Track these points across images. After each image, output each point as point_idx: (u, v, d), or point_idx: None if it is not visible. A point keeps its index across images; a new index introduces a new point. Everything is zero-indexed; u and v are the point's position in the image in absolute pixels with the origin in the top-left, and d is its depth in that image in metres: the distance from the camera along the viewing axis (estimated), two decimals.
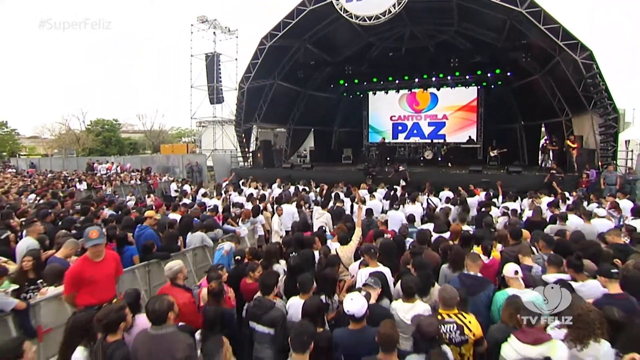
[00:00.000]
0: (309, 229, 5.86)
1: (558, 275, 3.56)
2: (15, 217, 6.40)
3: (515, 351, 2.43)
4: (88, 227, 3.52)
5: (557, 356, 2.34)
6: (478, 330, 2.72)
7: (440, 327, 2.62)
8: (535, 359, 2.35)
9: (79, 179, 15.97)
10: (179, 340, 2.36)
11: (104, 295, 3.18)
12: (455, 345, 2.64)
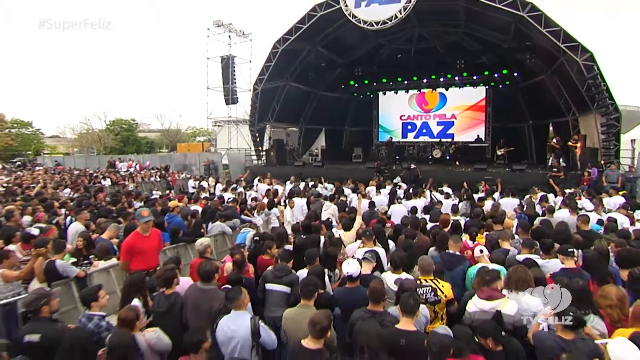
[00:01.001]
0: (317, 219, 6.55)
1: (529, 255, 4.17)
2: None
3: (475, 305, 3.09)
4: (140, 208, 4.31)
5: (506, 310, 2.98)
6: (449, 293, 3.36)
7: (418, 290, 3.28)
8: (488, 311, 3.00)
9: (103, 176, 16.99)
10: (218, 295, 3.11)
11: (150, 263, 3.96)
12: (430, 304, 3.29)
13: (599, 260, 3.71)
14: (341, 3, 13.10)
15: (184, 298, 3.15)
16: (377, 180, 11.68)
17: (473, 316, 3.10)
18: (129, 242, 4.15)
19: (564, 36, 11.57)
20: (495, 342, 2.58)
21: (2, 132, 39.98)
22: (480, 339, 2.65)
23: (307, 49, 17.48)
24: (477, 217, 6.13)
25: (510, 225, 5.43)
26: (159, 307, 3.13)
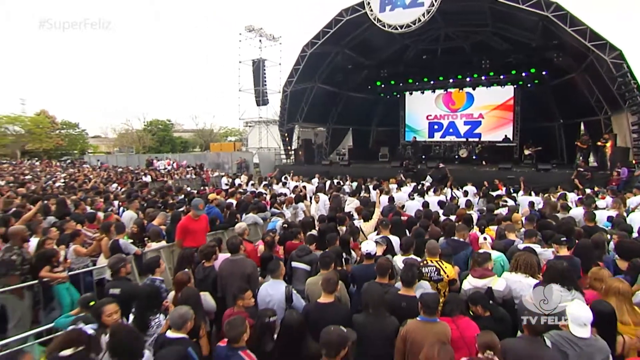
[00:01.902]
0: (340, 211, 7.16)
1: (530, 244, 4.59)
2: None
3: (469, 283, 3.59)
4: (196, 199, 5.16)
5: (496, 286, 3.47)
6: (452, 273, 3.87)
7: (424, 269, 3.82)
8: (481, 287, 3.49)
9: (144, 173, 18.34)
10: (247, 262, 3.82)
11: (199, 242, 4.73)
12: (434, 282, 3.81)
13: (589, 249, 4.09)
14: (367, 8, 13.63)
15: (220, 269, 3.87)
16: (398, 179, 12.14)
17: (468, 292, 3.59)
18: (182, 224, 5.02)
19: (591, 34, 11.55)
20: (483, 308, 3.09)
21: (54, 133, 43.15)
22: (471, 306, 3.17)
23: (334, 51, 18.09)
24: (490, 212, 6.53)
25: (518, 219, 5.81)
26: (197, 275, 3.87)
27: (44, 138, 41.44)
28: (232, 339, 2.41)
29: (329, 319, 2.66)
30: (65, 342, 2.29)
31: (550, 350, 2.49)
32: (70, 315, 3.14)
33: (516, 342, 2.56)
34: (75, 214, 6.35)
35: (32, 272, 4.23)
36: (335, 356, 2.21)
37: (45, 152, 41.47)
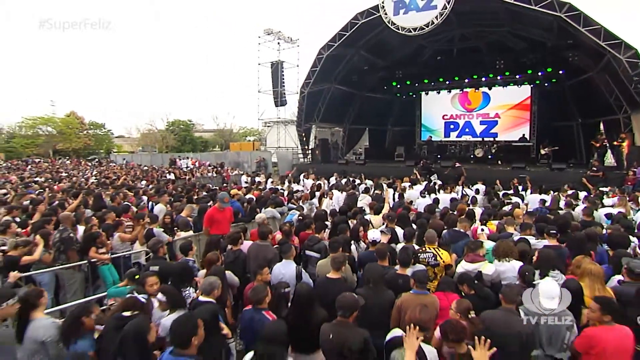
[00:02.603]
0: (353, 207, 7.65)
1: (525, 236, 4.96)
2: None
3: (462, 267, 4.03)
4: (222, 193, 5.78)
5: (485, 270, 3.89)
6: (447, 259, 4.30)
7: (422, 254, 4.27)
8: (472, 271, 3.92)
9: (168, 172, 19.26)
10: (270, 248, 4.37)
11: (224, 230, 5.34)
12: (431, 266, 4.24)
13: (581, 241, 4.44)
14: (381, 11, 14.02)
15: (248, 252, 4.41)
16: (412, 177, 12.51)
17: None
18: (209, 214, 5.67)
19: (605, 34, 11.60)
20: (469, 287, 3.52)
21: (82, 133, 45.16)
22: (459, 285, 3.61)
23: (350, 53, 18.51)
24: (493, 208, 6.89)
25: (519, 214, 6.15)
26: (227, 258, 4.43)
27: (73, 138, 43.47)
28: (256, 302, 2.94)
29: (335, 292, 3.14)
30: (125, 306, 2.88)
31: (523, 320, 2.91)
32: (119, 287, 3.75)
33: (494, 312, 2.99)
34: (111, 207, 7.05)
35: (81, 253, 4.90)
36: (349, 317, 2.71)
37: (74, 151, 43.49)
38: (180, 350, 2.24)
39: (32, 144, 42.01)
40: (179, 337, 2.25)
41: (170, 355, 2.22)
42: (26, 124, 42.90)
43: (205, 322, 2.50)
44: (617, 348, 2.64)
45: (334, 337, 2.56)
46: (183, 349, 2.24)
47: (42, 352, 2.67)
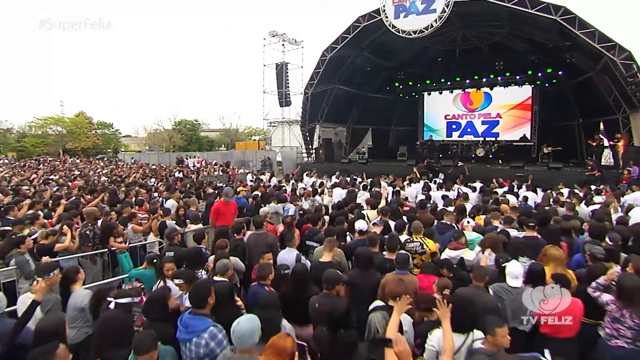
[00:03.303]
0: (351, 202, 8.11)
1: (507, 228, 5.38)
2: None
3: (446, 254, 4.47)
4: (227, 188, 6.26)
5: (467, 257, 4.33)
6: (433, 247, 4.74)
7: (409, 244, 4.71)
8: (455, 257, 4.36)
9: (176, 170, 19.83)
10: (269, 235, 4.85)
11: (228, 222, 5.81)
12: (418, 254, 4.69)
13: (553, 232, 4.87)
14: (382, 15, 14.44)
15: (247, 241, 4.93)
16: (412, 176, 12.94)
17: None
18: (215, 207, 6.19)
19: (600, 36, 11.93)
20: (448, 270, 3.97)
21: (91, 132, 46.06)
22: (440, 269, 4.05)
23: (353, 54, 18.93)
24: (484, 204, 7.31)
25: (506, 209, 6.57)
26: (230, 246, 4.90)
27: (82, 138, 44.37)
28: (261, 277, 3.43)
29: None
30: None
31: (490, 295, 3.36)
32: (139, 269, 4.25)
33: (466, 289, 3.43)
34: (126, 201, 7.58)
35: (102, 242, 5.41)
36: (332, 289, 3.17)
37: (82, 150, 44.39)
38: (198, 310, 2.71)
39: (42, 143, 42.96)
40: (196, 299, 2.73)
41: (189, 315, 2.70)
42: (37, 124, 43.85)
43: (223, 296, 2.97)
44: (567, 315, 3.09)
45: (320, 306, 3.02)
46: (200, 308, 2.72)
47: (82, 317, 3.17)
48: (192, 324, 2.62)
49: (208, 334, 2.55)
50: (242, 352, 2.23)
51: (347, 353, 2.47)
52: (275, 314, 2.77)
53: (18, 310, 3.10)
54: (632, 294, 2.88)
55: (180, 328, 2.64)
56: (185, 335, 2.59)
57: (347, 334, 2.56)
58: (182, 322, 2.65)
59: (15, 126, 47.48)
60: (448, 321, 2.48)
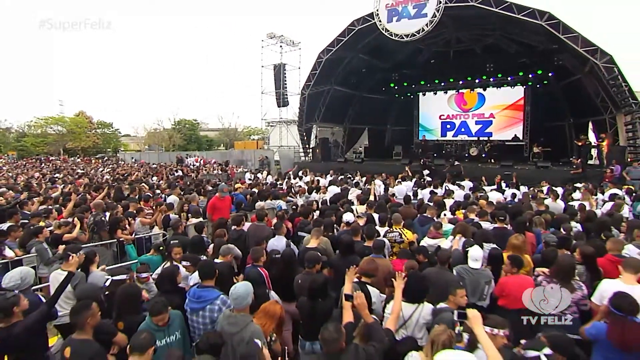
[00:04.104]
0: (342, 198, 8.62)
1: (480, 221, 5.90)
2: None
3: (425, 242, 4.98)
4: (222, 184, 6.75)
5: (443, 245, 4.84)
6: (411, 237, 5.25)
7: (389, 234, 5.22)
8: (433, 245, 4.87)
9: (176, 169, 20.32)
10: (266, 228, 5.35)
11: (224, 216, 6.32)
12: (397, 243, 5.20)
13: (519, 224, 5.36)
14: (375, 19, 14.94)
15: (247, 231, 5.42)
16: (404, 174, 13.46)
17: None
18: (211, 202, 6.77)
19: (583, 41, 12.44)
20: (423, 256, 4.48)
21: (91, 132, 46.48)
22: (416, 255, 4.56)
23: (349, 56, 19.41)
24: (465, 200, 7.83)
25: (484, 204, 7.09)
26: (232, 235, 5.41)
27: (82, 137, 44.78)
28: (255, 259, 3.94)
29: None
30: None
31: (452, 274, 3.88)
32: (147, 255, 4.76)
33: (432, 269, 3.95)
34: (131, 198, 8.09)
35: (110, 233, 5.92)
36: (312, 267, 3.68)
37: (82, 150, 44.81)
38: (206, 283, 3.23)
39: (42, 142, 43.36)
40: (205, 272, 3.26)
41: (198, 288, 3.22)
42: (37, 123, 44.25)
43: (224, 274, 3.48)
44: (519, 290, 3.58)
45: (302, 282, 3.52)
46: (209, 279, 3.25)
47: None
48: (203, 295, 3.16)
49: (220, 300, 3.10)
50: (238, 311, 2.74)
51: (323, 318, 2.95)
52: (264, 288, 3.28)
53: (51, 285, 3.62)
54: (564, 269, 3.40)
55: (191, 300, 3.17)
56: (197, 304, 3.12)
57: (324, 303, 3.07)
58: (193, 295, 3.18)
59: (15, 125, 47.95)
60: (400, 290, 2.98)
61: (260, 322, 2.72)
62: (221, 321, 2.80)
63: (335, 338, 2.17)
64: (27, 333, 2.58)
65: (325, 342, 2.19)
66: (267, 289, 3.33)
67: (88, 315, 2.52)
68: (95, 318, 2.59)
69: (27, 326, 2.61)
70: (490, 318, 2.57)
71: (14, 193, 8.80)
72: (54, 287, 3.33)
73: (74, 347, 2.41)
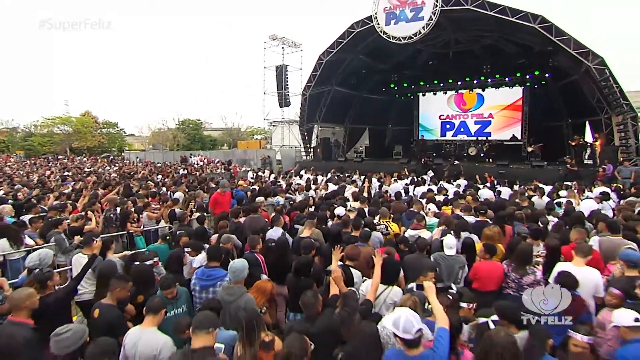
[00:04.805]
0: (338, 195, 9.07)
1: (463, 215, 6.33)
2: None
3: (408, 233, 5.42)
4: (223, 180, 7.21)
5: (423, 235, 5.27)
6: (396, 229, 5.70)
7: (378, 226, 5.67)
8: (414, 235, 5.31)
9: (180, 168, 20.85)
10: (261, 219, 5.81)
11: (225, 209, 6.79)
12: (384, 235, 5.64)
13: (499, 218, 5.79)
14: (374, 22, 15.37)
15: (244, 222, 5.91)
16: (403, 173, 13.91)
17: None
18: (213, 197, 7.35)
19: (575, 43, 12.80)
20: (405, 245, 4.92)
21: (96, 132, 47.18)
22: (399, 244, 5.00)
23: (349, 58, 19.82)
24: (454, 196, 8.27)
25: (469, 200, 7.53)
26: (230, 227, 5.88)
27: (88, 137, 45.48)
28: (251, 247, 4.41)
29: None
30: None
31: (429, 260, 4.32)
32: (155, 244, 5.24)
33: (411, 255, 4.40)
34: (139, 194, 8.58)
35: (121, 226, 6.41)
36: (309, 253, 4.13)
37: (88, 149, 45.52)
38: (212, 263, 3.73)
39: (48, 142, 44.10)
40: (213, 253, 3.77)
41: (206, 268, 3.71)
42: (45, 123, 45.00)
43: (225, 258, 3.96)
44: (489, 274, 4.05)
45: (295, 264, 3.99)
46: (216, 261, 3.74)
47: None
48: (212, 273, 3.69)
49: (228, 277, 3.57)
50: (235, 283, 3.21)
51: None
52: (259, 271, 3.74)
53: (73, 267, 4.12)
54: (521, 256, 3.84)
55: (201, 278, 3.70)
56: (207, 282, 3.64)
57: (307, 280, 3.52)
58: (202, 274, 3.71)
59: (21, 125, 48.77)
60: (378, 268, 3.41)
61: (253, 296, 3.18)
62: (220, 292, 3.28)
63: (312, 302, 2.62)
64: (57, 303, 3.06)
65: (305, 306, 2.64)
66: (261, 272, 3.79)
67: (118, 287, 3.02)
68: (123, 291, 3.08)
69: (58, 298, 3.10)
70: (465, 295, 3.05)
71: (28, 190, 9.34)
72: (77, 269, 3.81)
73: (101, 310, 2.90)
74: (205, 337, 2.33)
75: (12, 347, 2.50)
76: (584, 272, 3.46)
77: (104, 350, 2.19)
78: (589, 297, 3.41)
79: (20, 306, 2.68)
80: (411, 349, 2.24)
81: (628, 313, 2.58)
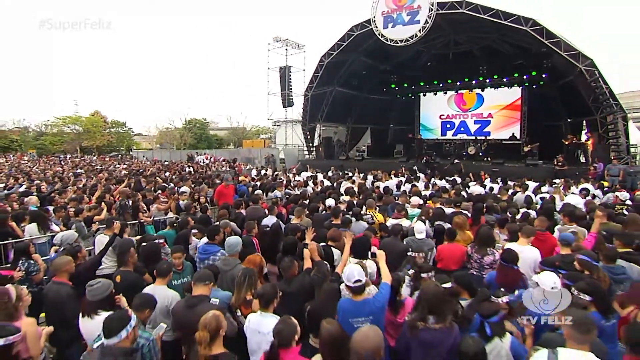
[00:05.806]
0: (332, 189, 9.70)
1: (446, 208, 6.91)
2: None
3: (389, 222, 6.02)
4: (226, 174, 7.90)
5: (403, 223, 5.87)
6: (380, 219, 6.30)
7: (365, 216, 6.28)
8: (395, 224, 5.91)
9: (187, 166, 21.60)
10: (261, 210, 6.46)
11: (229, 200, 7.46)
12: (370, 224, 6.24)
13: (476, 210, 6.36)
14: (372, 25, 15.95)
15: (246, 212, 6.55)
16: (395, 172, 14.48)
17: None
18: (218, 189, 8.06)
19: (565, 45, 13.26)
20: (384, 232, 5.52)
21: (105, 131, 48.26)
22: (379, 231, 5.60)
23: (350, 59, 20.41)
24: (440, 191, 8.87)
25: (452, 195, 8.12)
26: (232, 216, 6.53)
27: (98, 136, 46.56)
28: (248, 231, 5.06)
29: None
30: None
31: (402, 243, 4.93)
32: (163, 231, 5.91)
33: (387, 239, 5.01)
34: (147, 189, 9.29)
35: (133, 216, 7.10)
36: (294, 235, 4.76)
37: (97, 148, 46.62)
38: (211, 242, 4.39)
39: (59, 141, 45.26)
40: (209, 234, 4.43)
41: (205, 245, 4.37)
42: (55, 123, 46.18)
43: (223, 239, 4.63)
44: (451, 255, 4.65)
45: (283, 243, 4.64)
46: (212, 240, 4.42)
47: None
48: (208, 249, 4.40)
49: (220, 253, 4.32)
50: (230, 256, 3.87)
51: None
52: (253, 249, 4.39)
53: (96, 246, 4.82)
54: (482, 239, 4.43)
55: (200, 253, 4.41)
56: (204, 255, 4.37)
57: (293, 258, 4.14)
58: (201, 250, 4.41)
59: (32, 125, 50.05)
60: (348, 245, 4.03)
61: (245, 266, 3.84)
62: (218, 263, 3.94)
63: (289, 266, 3.26)
64: (85, 272, 3.74)
65: (283, 269, 3.27)
66: (255, 252, 4.45)
67: (130, 255, 3.71)
68: (134, 258, 3.77)
69: (86, 267, 3.80)
70: (424, 268, 3.67)
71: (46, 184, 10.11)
72: (99, 248, 4.50)
73: (123, 275, 3.60)
74: (203, 288, 3.01)
75: (59, 299, 3.32)
76: (526, 251, 4.07)
77: (145, 302, 2.92)
78: (530, 270, 4.00)
79: (61, 269, 3.45)
80: (355, 294, 2.87)
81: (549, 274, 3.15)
